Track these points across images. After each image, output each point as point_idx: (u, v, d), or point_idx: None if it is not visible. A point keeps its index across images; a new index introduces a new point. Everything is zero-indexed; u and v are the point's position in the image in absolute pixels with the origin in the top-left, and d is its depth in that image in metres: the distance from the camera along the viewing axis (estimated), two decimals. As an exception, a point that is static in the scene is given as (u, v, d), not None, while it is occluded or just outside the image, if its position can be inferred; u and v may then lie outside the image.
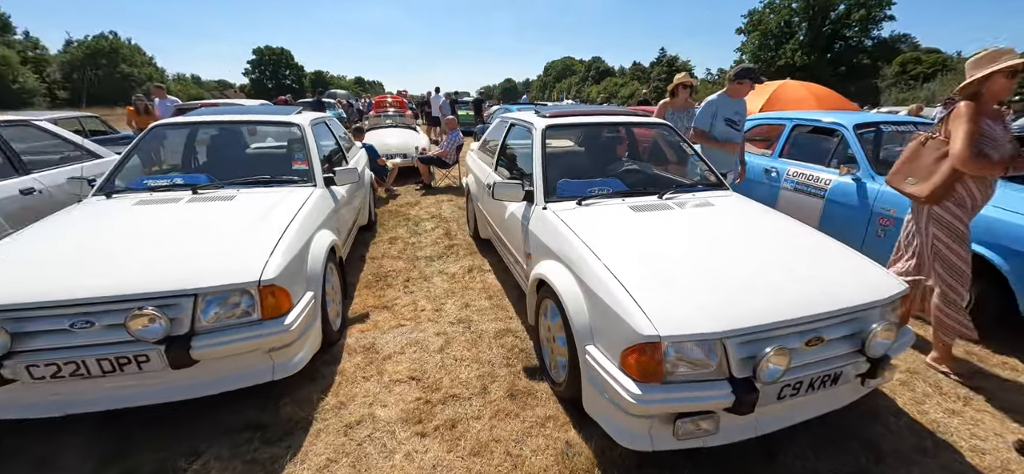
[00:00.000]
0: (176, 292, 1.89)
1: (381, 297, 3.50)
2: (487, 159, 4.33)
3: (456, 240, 4.92)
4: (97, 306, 1.82)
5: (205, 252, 2.12)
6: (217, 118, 3.59)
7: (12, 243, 2.22)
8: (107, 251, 2.12)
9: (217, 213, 2.56)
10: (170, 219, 2.49)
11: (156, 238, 2.26)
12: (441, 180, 7.92)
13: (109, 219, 2.49)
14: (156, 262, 2.02)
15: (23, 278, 1.90)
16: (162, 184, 2.96)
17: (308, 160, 3.31)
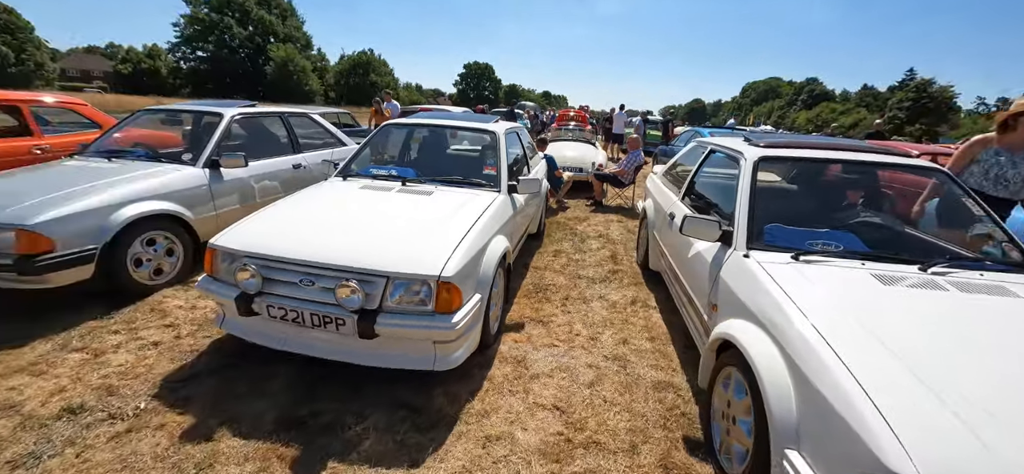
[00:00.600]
0: (373, 271, 2.13)
1: (538, 310, 3.46)
2: (672, 186, 3.93)
3: (621, 265, 4.62)
4: (318, 269, 2.18)
5: (400, 240, 2.36)
6: (429, 121, 4.09)
7: (277, 207, 2.84)
8: (334, 225, 2.54)
9: (416, 205, 2.86)
10: (382, 205, 2.87)
11: (369, 220, 2.62)
12: (613, 199, 7.67)
13: (342, 197, 3.01)
14: (363, 241, 2.34)
15: (277, 236, 2.39)
16: (382, 173, 3.47)
17: (497, 166, 3.48)
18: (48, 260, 2.64)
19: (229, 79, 49.55)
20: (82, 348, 2.56)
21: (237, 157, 3.74)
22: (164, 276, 3.35)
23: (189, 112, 4.41)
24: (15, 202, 2.74)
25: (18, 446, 1.85)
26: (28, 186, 3.02)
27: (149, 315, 2.97)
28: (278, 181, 4.43)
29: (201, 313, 3.04)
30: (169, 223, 3.32)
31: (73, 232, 2.76)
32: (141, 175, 3.32)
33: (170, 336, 2.74)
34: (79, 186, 3.02)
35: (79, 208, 2.81)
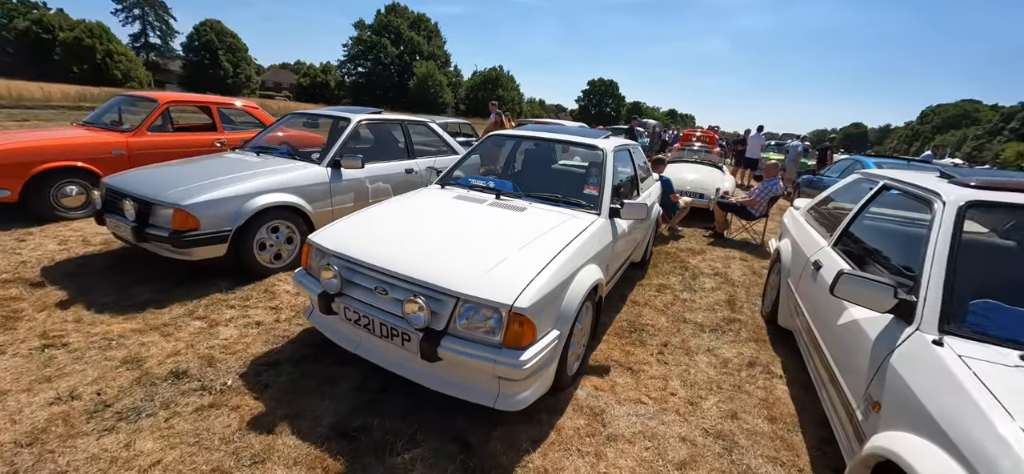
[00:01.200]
0: (442, 289, 1.98)
1: (629, 354, 3.01)
2: (819, 226, 3.17)
3: (740, 314, 3.88)
4: (391, 278, 2.11)
5: (478, 259, 2.18)
6: (533, 133, 3.92)
7: (372, 210, 2.89)
8: (417, 234, 2.47)
9: (505, 222, 2.68)
10: (471, 217, 2.75)
11: (454, 233, 2.50)
12: (737, 231, 6.67)
13: (434, 206, 2.96)
14: (440, 256, 2.21)
15: (361, 239, 2.40)
16: (479, 184, 3.38)
17: (600, 186, 3.15)
18: (194, 237, 3.06)
19: (379, 91, 56.70)
20: (203, 317, 2.89)
21: (355, 159, 4.01)
22: (281, 261, 3.70)
23: (324, 116, 4.91)
24: (177, 185, 3.25)
25: (128, 399, 2.09)
26: (192, 172, 3.58)
27: (261, 296, 3.27)
28: (390, 184, 4.68)
29: (303, 301, 3.26)
30: (291, 214, 3.66)
31: (215, 214, 3.16)
32: (276, 170, 3.73)
33: (271, 318, 2.96)
34: (228, 176, 3.48)
35: (222, 194, 3.22)
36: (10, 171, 4.16)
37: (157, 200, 3.10)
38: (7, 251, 3.69)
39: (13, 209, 4.52)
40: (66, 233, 4.22)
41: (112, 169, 4.79)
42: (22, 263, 3.49)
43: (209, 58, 49.46)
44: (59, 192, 4.51)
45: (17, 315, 2.73)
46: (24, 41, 41.43)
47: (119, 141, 4.86)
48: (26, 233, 4.12)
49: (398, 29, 58.16)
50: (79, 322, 2.70)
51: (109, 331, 2.63)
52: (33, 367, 2.26)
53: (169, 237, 3.02)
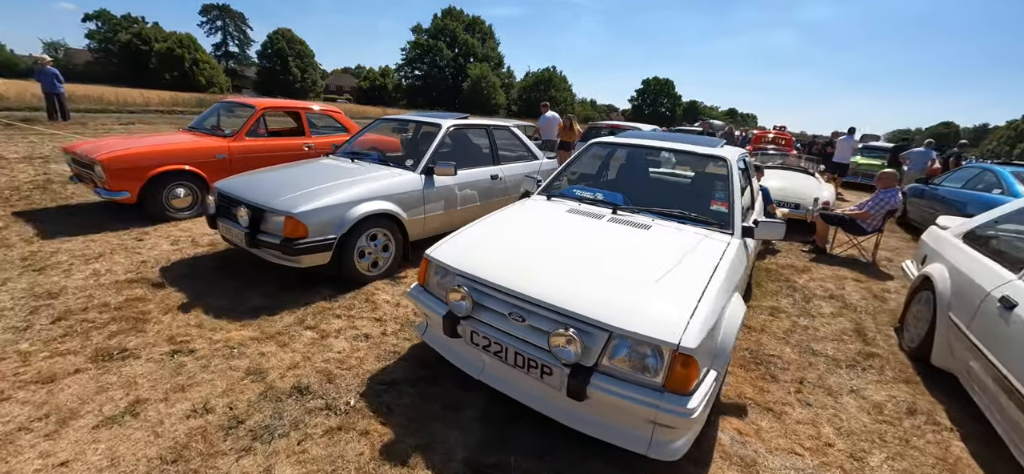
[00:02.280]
0: (595, 322, 1.78)
1: (763, 392, 2.67)
2: (994, 253, 2.68)
3: (875, 346, 3.39)
4: (531, 305, 1.93)
5: (621, 287, 1.96)
6: (643, 142, 3.60)
7: (488, 225, 2.71)
8: (548, 254, 2.27)
9: (635, 242, 2.43)
10: (595, 235, 2.52)
11: (586, 254, 2.28)
12: (841, 247, 6.00)
13: (550, 221, 2.74)
14: (583, 282, 2.00)
15: (491, 259, 2.24)
16: (587, 196, 3.15)
17: (730, 203, 2.83)
18: (303, 244, 3.06)
19: (434, 93, 58.11)
20: (314, 327, 2.86)
21: (448, 166, 3.92)
22: (378, 269, 3.66)
23: (413, 122, 4.88)
24: (286, 192, 3.28)
25: (259, 415, 2.05)
26: (297, 179, 3.63)
27: (363, 305, 3.22)
28: (477, 191, 4.57)
29: (403, 312, 3.18)
30: (387, 221, 3.61)
31: (322, 222, 3.15)
32: (373, 177, 3.70)
33: (378, 331, 2.89)
34: (330, 183, 3.48)
35: (327, 202, 3.21)
36: (131, 174, 4.45)
37: (269, 207, 3.13)
38: (129, 250, 3.91)
39: (130, 210, 4.86)
40: (177, 233, 4.44)
41: (216, 172, 5.03)
42: (143, 262, 3.68)
43: (280, 64, 52.92)
44: (170, 194, 4.78)
45: (145, 317, 2.83)
46: (126, 53, 46.31)
47: (222, 146, 5.09)
48: (143, 232, 4.38)
49: (454, 32, 59.35)
50: (201, 327, 2.75)
51: (229, 338, 2.65)
52: (166, 374, 2.30)
53: (280, 245, 3.04)
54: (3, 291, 3.03)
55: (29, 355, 2.37)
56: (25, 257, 3.59)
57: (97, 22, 51.07)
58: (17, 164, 6.91)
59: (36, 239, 3.99)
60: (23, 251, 3.70)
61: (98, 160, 4.28)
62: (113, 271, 3.47)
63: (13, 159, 7.22)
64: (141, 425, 1.94)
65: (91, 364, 2.32)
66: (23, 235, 4.05)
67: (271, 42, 53.64)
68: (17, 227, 4.26)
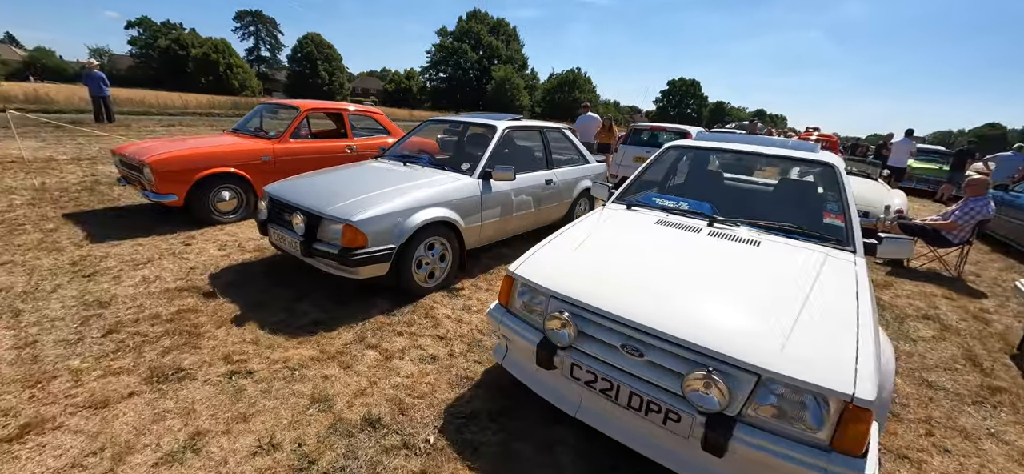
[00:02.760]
0: (743, 364, 1.46)
1: (891, 434, 2.29)
2: None
3: (996, 378, 2.95)
4: (654, 339, 1.62)
5: (766, 320, 1.64)
6: (728, 145, 3.23)
7: (573, 237, 2.40)
8: (661, 277, 1.95)
9: (752, 262, 2.10)
10: (703, 254, 2.18)
11: (702, 277, 1.95)
12: (923, 261, 5.46)
13: (643, 235, 2.43)
14: (714, 312, 1.69)
15: (593, 279, 1.94)
16: (670, 205, 2.84)
17: (846, 216, 2.47)
18: (362, 255, 2.83)
19: (458, 95, 58.31)
20: (376, 346, 2.63)
21: (507, 170, 3.65)
22: (434, 280, 3.42)
23: (465, 123, 4.63)
24: (342, 198, 3.06)
25: (331, 454, 1.81)
26: (350, 184, 3.41)
27: (424, 320, 2.98)
28: (532, 196, 4.29)
29: (466, 329, 2.92)
30: (444, 229, 3.36)
31: (380, 231, 2.92)
32: (429, 182, 3.46)
33: (444, 352, 2.63)
34: (386, 188, 3.25)
35: (386, 209, 2.98)
36: (178, 177, 4.34)
37: (325, 214, 2.92)
38: (177, 255, 3.78)
39: (175, 212, 4.77)
40: (223, 237, 4.31)
41: (260, 175, 4.91)
42: (191, 269, 3.53)
43: (309, 68, 54.05)
44: (216, 197, 4.67)
45: (199, 331, 2.65)
46: (165, 57, 48.13)
47: (267, 148, 4.96)
48: (189, 237, 4.26)
49: (478, 35, 59.50)
50: (256, 344, 2.55)
51: (288, 358, 2.43)
52: (225, 400, 2.08)
53: (338, 255, 2.81)
54: (54, 299, 2.91)
55: (81, 373, 2.19)
56: (75, 262, 3.49)
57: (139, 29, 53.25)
58: (66, 165, 7.01)
59: (85, 242, 3.90)
60: (73, 256, 3.60)
61: (147, 162, 4.19)
62: (162, 278, 3.33)
63: (62, 160, 7.33)
64: (204, 464, 1.72)
65: (146, 386, 2.13)
66: (73, 238, 3.98)
67: (301, 46, 54.87)
68: (67, 229, 4.20)
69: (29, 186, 5.62)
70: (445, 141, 5.67)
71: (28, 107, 14.46)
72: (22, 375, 2.15)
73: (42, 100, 15.53)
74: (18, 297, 2.89)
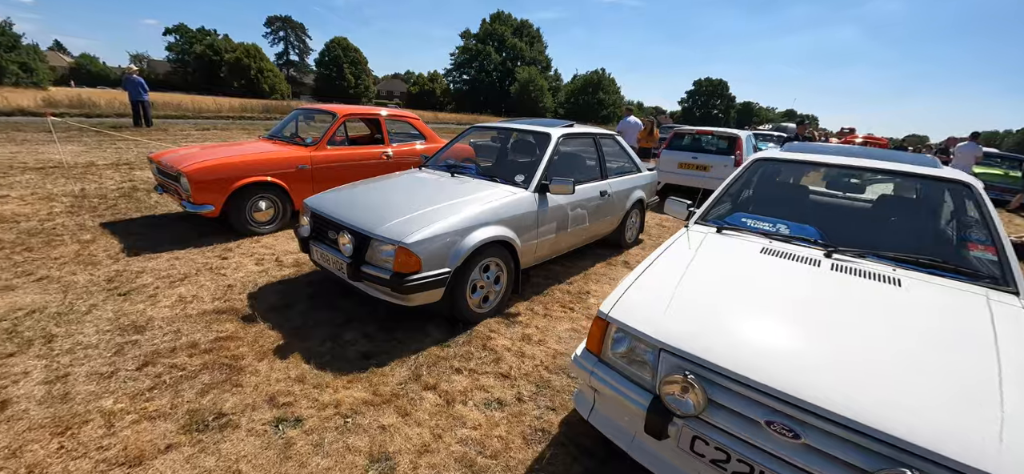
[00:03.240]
0: (963, 467, 1.08)
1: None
2: None
3: None
4: (820, 420, 1.25)
5: (973, 403, 1.25)
6: (847, 161, 2.74)
7: (668, 270, 2.03)
8: (802, 329, 1.57)
9: (902, 310, 1.69)
10: (836, 296, 1.78)
11: (853, 328, 1.56)
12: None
13: (755, 269, 2.03)
14: (898, 388, 1.29)
15: (719, 332, 1.57)
16: (767, 229, 2.45)
17: (997, 247, 2.04)
18: (416, 281, 2.53)
19: (482, 97, 58.32)
20: (434, 386, 2.32)
21: (566, 183, 3.30)
22: (488, 304, 3.10)
23: (514, 130, 4.31)
24: (392, 215, 2.77)
25: (402, 542, 1.50)
26: (396, 198, 3.13)
27: (482, 354, 2.66)
28: (586, 210, 3.93)
29: (530, 364, 2.59)
30: (500, 249, 3.04)
31: (435, 253, 2.62)
32: (483, 196, 3.14)
33: (510, 395, 2.31)
34: (438, 204, 2.95)
35: (440, 229, 2.67)
36: (216, 186, 4.16)
37: (376, 234, 2.63)
38: (214, 271, 3.58)
39: (211, 222, 4.61)
40: (260, 250, 4.11)
41: (297, 183, 4.70)
42: (229, 287, 3.32)
43: (335, 71, 54.99)
44: (253, 207, 4.48)
45: (239, 364, 2.39)
46: (200, 62, 49.73)
47: (304, 155, 4.76)
48: (226, 250, 4.07)
49: (502, 36, 59.40)
50: (303, 382, 2.27)
51: (339, 401, 2.15)
52: (273, 456, 1.80)
53: (390, 281, 2.52)
54: (89, 322, 2.71)
55: (114, 417, 1.95)
56: (111, 278, 3.32)
57: (176, 35, 55.20)
58: (105, 170, 7.02)
59: (122, 255, 3.74)
60: (109, 271, 3.43)
61: (183, 172, 4.02)
62: (200, 297, 3.11)
63: (102, 165, 7.36)
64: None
65: (184, 436, 1.87)
66: (109, 251, 3.83)
67: (328, 50, 55.88)
68: (104, 241, 4.07)
69: (69, 192, 5.59)
70: (484, 147, 5.34)
71: (72, 111, 14.93)
72: (51, 418, 1.93)
73: (86, 104, 16.02)
74: (52, 319, 2.71)
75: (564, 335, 2.99)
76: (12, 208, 4.84)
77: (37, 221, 4.47)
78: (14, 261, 3.50)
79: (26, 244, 3.86)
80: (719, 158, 7.49)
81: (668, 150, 8.13)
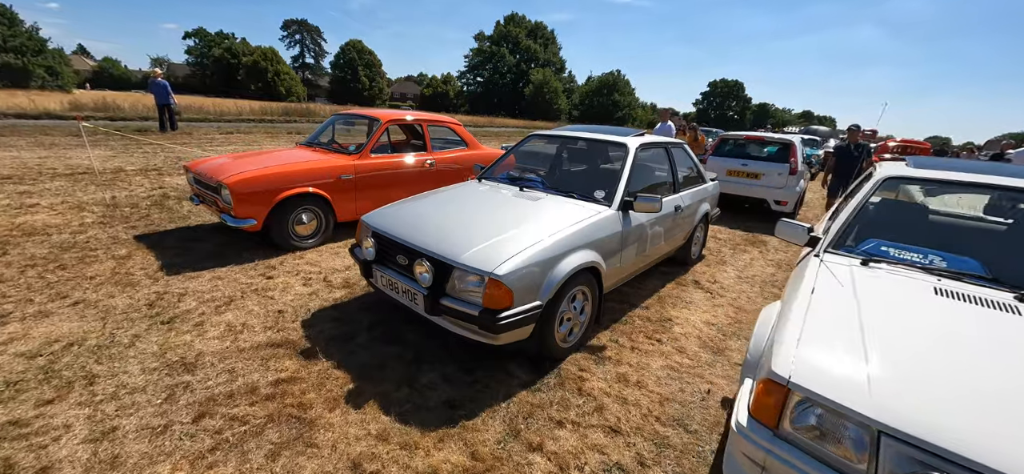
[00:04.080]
0: None
1: None
2: None
3: None
4: None
5: None
6: (982, 178, 2.34)
7: (830, 320, 1.65)
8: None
9: None
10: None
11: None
12: None
13: (948, 318, 1.65)
14: None
15: (960, 414, 1.20)
16: (919, 261, 2.07)
17: None
18: (509, 318, 2.17)
19: (496, 99, 58.06)
20: (538, 445, 1.96)
21: (653, 201, 2.92)
22: (573, 337, 2.74)
23: (582, 139, 3.94)
24: (474, 241, 2.42)
25: None
26: (470, 218, 2.79)
27: (580, 400, 2.30)
28: (663, 227, 3.55)
29: (636, 413, 2.22)
30: (587, 275, 2.68)
31: (527, 284, 2.26)
32: (564, 215, 2.78)
33: (629, 456, 1.94)
34: (520, 227, 2.60)
35: (530, 256, 2.31)
36: (258, 198, 3.87)
37: (459, 263, 2.28)
38: (261, 293, 3.28)
39: (250, 235, 4.33)
40: (306, 268, 3.80)
41: (340, 194, 4.40)
42: (280, 313, 3.00)
43: (350, 73, 55.20)
44: (296, 220, 4.18)
45: (309, 415, 2.06)
46: (218, 66, 50.28)
47: (347, 164, 4.45)
48: (269, 268, 3.77)
49: (516, 38, 59.15)
50: (386, 440, 1.93)
51: (435, 467, 1.80)
52: (370, 548, 1.46)
53: (479, 318, 2.17)
54: (132, 357, 2.41)
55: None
56: (152, 302, 3.03)
57: (195, 39, 55.94)
58: (134, 177, 6.82)
59: (160, 275, 3.46)
60: (149, 293, 3.15)
61: (224, 183, 3.73)
62: (250, 327, 2.80)
63: (131, 172, 7.17)
64: None
65: (261, 519, 1.54)
66: (147, 269, 3.55)
67: (343, 53, 56.14)
68: (140, 256, 3.80)
69: (100, 201, 5.36)
70: (542, 156, 4.84)
71: (97, 115, 14.94)
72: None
73: (110, 107, 16.03)
74: (92, 354, 2.41)
75: (662, 374, 2.61)
76: (43, 218, 4.61)
77: (69, 233, 4.23)
78: (48, 282, 3.23)
79: (59, 260, 3.60)
80: (773, 166, 7.03)
81: (714, 156, 7.70)
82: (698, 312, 3.54)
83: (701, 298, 3.83)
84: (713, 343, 3.06)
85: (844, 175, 6.36)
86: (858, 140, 7.87)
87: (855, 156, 6.22)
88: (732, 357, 2.89)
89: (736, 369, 2.75)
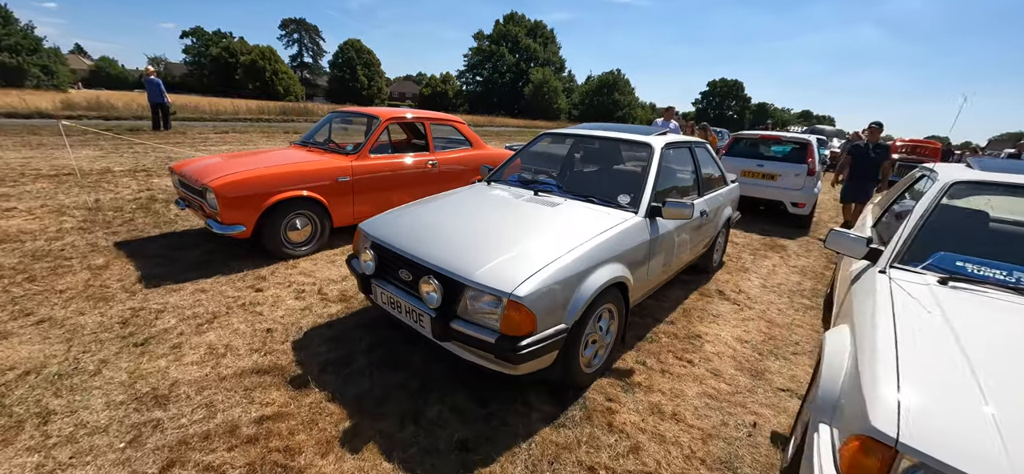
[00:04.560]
0: None
1: None
2: None
3: None
4: None
5: None
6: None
7: (948, 368, 1.33)
8: None
9: None
10: None
11: None
12: None
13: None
14: None
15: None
16: (998, 278, 1.79)
17: None
18: (531, 345, 1.87)
19: (495, 99, 57.69)
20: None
21: (683, 206, 2.62)
22: (597, 361, 2.43)
23: (600, 138, 3.63)
24: (490, 254, 2.11)
25: None
26: (481, 227, 2.48)
27: (611, 438, 2.00)
28: (689, 234, 3.26)
29: (679, 456, 1.92)
30: (614, 291, 2.37)
31: (549, 306, 1.96)
32: (588, 225, 2.47)
33: (678, 518, 1.64)
34: (536, 237, 2.30)
35: (553, 273, 2.01)
36: (247, 203, 3.56)
37: (472, 282, 1.97)
38: (248, 308, 2.97)
39: (239, 242, 4.02)
40: (298, 279, 3.49)
41: (336, 197, 4.09)
42: (268, 332, 2.70)
43: (349, 73, 54.81)
44: (288, 226, 3.87)
45: (296, 462, 1.76)
46: (216, 65, 49.83)
47: (345, 166, 4.14)
48: (259, 279, 3.46)
49: (516, 37, 58.80)
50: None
51: (445, 533, 1.50)
52: None
53: (496, 345, 1.87)
54: (97, 389, 2.10)
55: (129, 568, 1.33)
56: (125, 320, 2.72)
57: (193, 38, 55.46)
58: (122, 178, 6.50)
59: (139, 287, 3.15)
60: (123, 309, 2.84)
61: (210, 186, 3.42)
62: (234, 348, 2.50)
63: (119, 172, 6.85)
64: None
65: None
66: (125, 281, 3.24)
67: (341, 52, 55.74)
68: (118, 265, 3.48)
69: (82, 204, 5.05)
70: (554, 156, 4.49)
71: (90, 114, 14.59)
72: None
73: (104, 107, 15.67)
74: (51, 385, 2.10)
75: (700, 404, 2.31)
76: (18, 223, 4.30)
77: (44, 240, 3.92)
78: (12, 296, 2.92)
79: (28, 271, 3.29)
80: (790, 166, 6.73)
81: (727, 156, 7.40)
82: (727, 327, 3.24)
83: (728, 310, 3.53)
84: (750, 364, 2.76)
85: (861, 177, 6.01)
86: (878, 140, 7.52)
87: (873, 158, 5.88)
88: (773, 381, 2.59)
89: (779, 395, 2.45)
